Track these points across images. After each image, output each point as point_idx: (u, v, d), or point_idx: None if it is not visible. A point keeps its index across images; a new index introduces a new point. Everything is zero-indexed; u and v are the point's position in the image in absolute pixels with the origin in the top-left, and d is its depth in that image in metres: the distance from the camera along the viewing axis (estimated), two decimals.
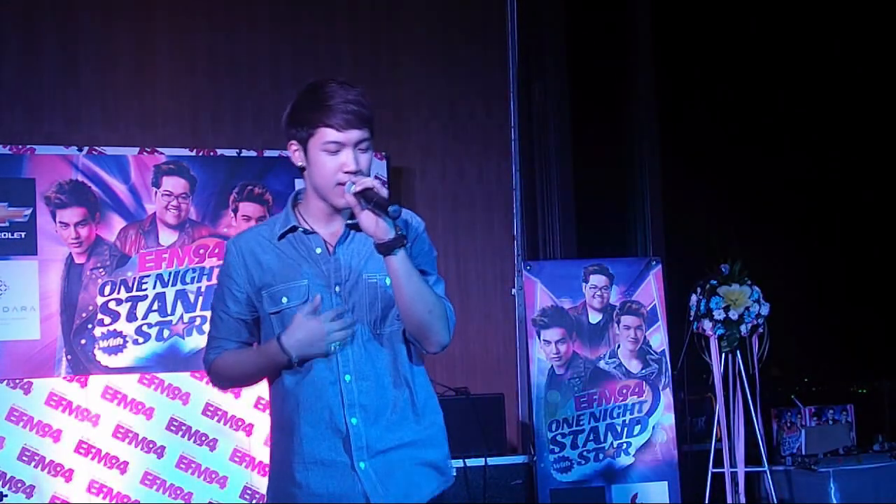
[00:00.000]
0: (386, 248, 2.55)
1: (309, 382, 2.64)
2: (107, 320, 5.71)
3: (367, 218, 2.53)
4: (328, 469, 2.64)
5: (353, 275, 2.66)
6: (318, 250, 2.67)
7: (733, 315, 5.85)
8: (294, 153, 2.66)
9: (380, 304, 2.68)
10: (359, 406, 2.64)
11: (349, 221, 2.66)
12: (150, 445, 5.69)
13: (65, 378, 5.60)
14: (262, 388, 6.20)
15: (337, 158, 2.58)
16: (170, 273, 5.83)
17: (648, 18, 6.81)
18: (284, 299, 2.64)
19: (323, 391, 2.63)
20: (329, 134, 2.57)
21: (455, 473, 2.92)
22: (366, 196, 2.52)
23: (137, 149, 5.88)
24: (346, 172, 2.58)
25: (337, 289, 2.67)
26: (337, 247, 2.68)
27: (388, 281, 2.64)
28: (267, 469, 5.90)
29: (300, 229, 2.69)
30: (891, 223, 7.25)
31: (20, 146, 5.69)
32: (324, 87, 2.61)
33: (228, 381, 2.81)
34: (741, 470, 5.95)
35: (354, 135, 2.58)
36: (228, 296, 2.73)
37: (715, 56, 7.22)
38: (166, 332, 5.79)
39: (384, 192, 2.52)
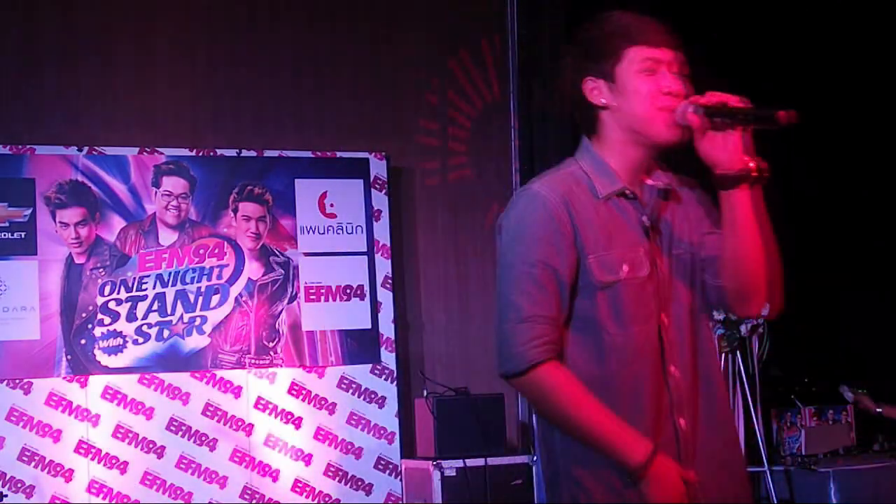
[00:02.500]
0: (734, 180, 2.11)
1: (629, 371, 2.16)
2: (107, 320, 5.71)
3: (711, 142, 2.10)
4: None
5: (667, 249, 2.23)
6: (644, 219, 2.21)
7: (733, 315, 5.85)
8: (592, 91, 2.21)
9: (690, 278, 2.24)
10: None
11: (660, 186, 2.25)
12: (150, 445, 5.69)
13: (65, 378, 5.60)
14: (261, 388, 6.20)
15: (656, 79, 2.15)
16: (170, 273, 5.83)
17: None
18: (626, 267, 2.15)
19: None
20: (643, 52, 2.16)
21: None
22: (719, 110, 2.08)
23: (137, 149, 5.88)
24: (669, 94, 2.14)
25: (658, 263, 2.21)
26: (652, 215, 2.23)
27: (690, 251, 2.23)
28: (266, 469, 5.92)
29: (627, 192, 2.20)
30: (892, 221, 7.25)
31: (20, 146, 5.69)
32: (619, 14, 2.22)
33: (546, 410, 2.18)
34: None
35: (671, 54, 2.19)
36: (556, 252, 2.13)
37: (715, 56, 7.22)
38: (166, 332, 5.78)
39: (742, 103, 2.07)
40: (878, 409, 6.07)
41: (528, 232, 2.15)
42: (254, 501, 5.80)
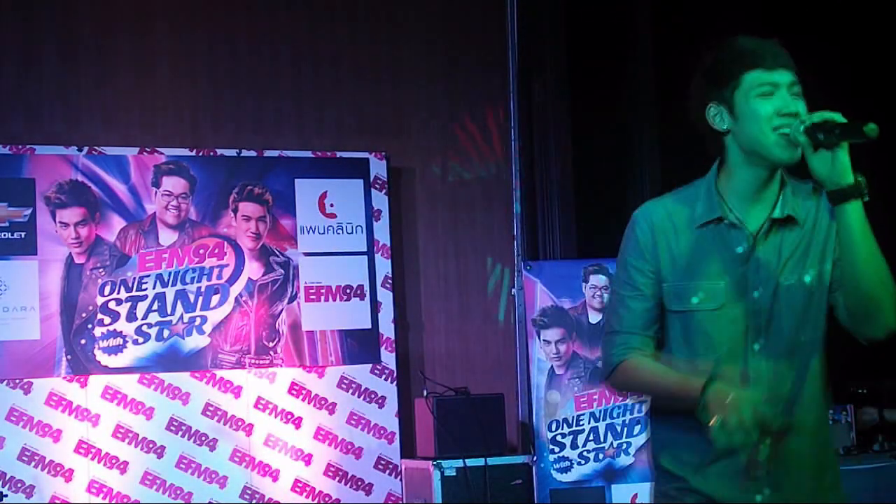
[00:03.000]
0: (842, 195, 2.20)
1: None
2: (107, 320, 5.71)
3: (819, 161, 2.19)
4: None
5: (772, 278, 2.31)
6: (740, 250, 2.31)
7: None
8: (714, 118, 2.33)
9: (802, 308, 2.34)
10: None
11: (774, 215, 2.32)
12: (150, 445, 5.69)
13: (65, 378, 5.60)
14: (261, 388, 6.20)
15: (771, 102, 2.26)
16: (170, 273, 5.83)
17: (648, 18, 6.81)
18: (696, 299, 2.31)
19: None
20: (759, 76, 2.27)
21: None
22: (821, 128, 2.17)
23: (137, 149, 5.88)
24: (784, 115, 2.24)
25: (756, 294, 2.32)
26: (758, 244, 2.32)
27: (807, 279, 2.32)
28: (266, 469, 5.93)
29: (726, 221, 2.32)
30: (891, 222, 7.25)
31: (20, 146, 5.69)
32: (735, 39, 2.35)
33: (634, 391, 2.55)
34: None
35: (786, 76, 2.28)
36: (639, 277, 2.35)
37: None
38: (166, 332, 5.79)
39: (841, 119, 2.18)
40: None
41: (623, 257, 2.41)
42: (254, 501, 5.80)
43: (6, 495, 5.41)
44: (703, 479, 2.38)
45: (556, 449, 5.83)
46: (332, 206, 6.14)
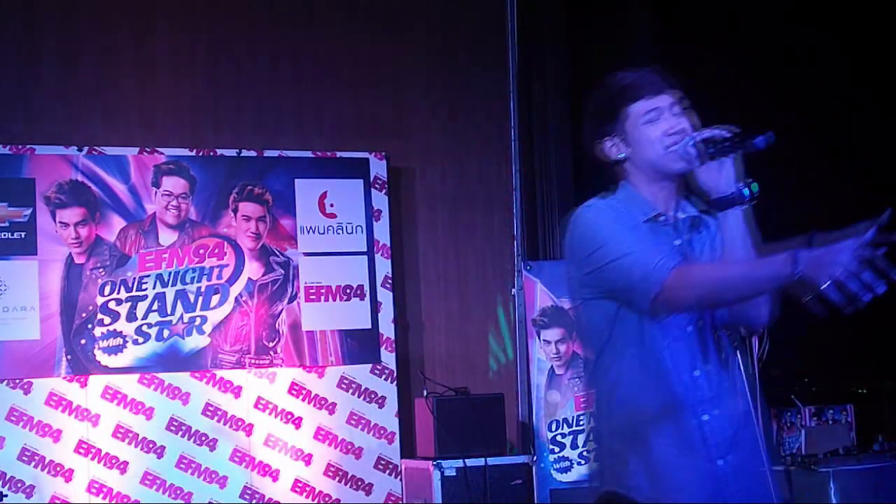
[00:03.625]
0: (726, 203, 2.41)
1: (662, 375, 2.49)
2: (107, 320, 5.71)
3: (707, 172, 2.42)
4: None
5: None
6: (678, 242, 2.52)
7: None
8: (610, 149, 2.55)
9: None
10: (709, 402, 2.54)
11: (692, 213, 2.55)
12: (150, 445, 5.69)
13: (65, 378, 5.60)
14: (261, 388, 6.19)
15: (658, 125, 2.49)
16: (170, 273, 5.83)
17: (648, 18, 6.81)
18: None
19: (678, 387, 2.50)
20: (643, 105, 2.51)
21: None
22: (711, 142, 2.41)
23: (137, 149, 5.88)
24: (672, 134, 2.47)
25: None
26: (685, 239, 2.54)
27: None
28: (266, 469, 5.93)
29: (662, 217, 2.52)
30: (891, 222, 7.25)
31: (20, 146, 5.69)
32: (615, 76, 2.60)
33: (699, 293, 2.40)
34: None
35: (666, 98, 2.51)
36: (637, 234, 2.46)
37: (716, 56, 7.21)
38: (166, 332, 5.79)
39: (728, 132, 2.40)
40: None
41: (608, 223, 2.47)
42: (254, 501, 5.80)
43: (6, 495, 5.41)
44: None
45: (556, 449, 5.83)
46: (332, 206, 6.14)
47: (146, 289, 5.79)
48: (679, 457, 2.45)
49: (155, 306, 5.78)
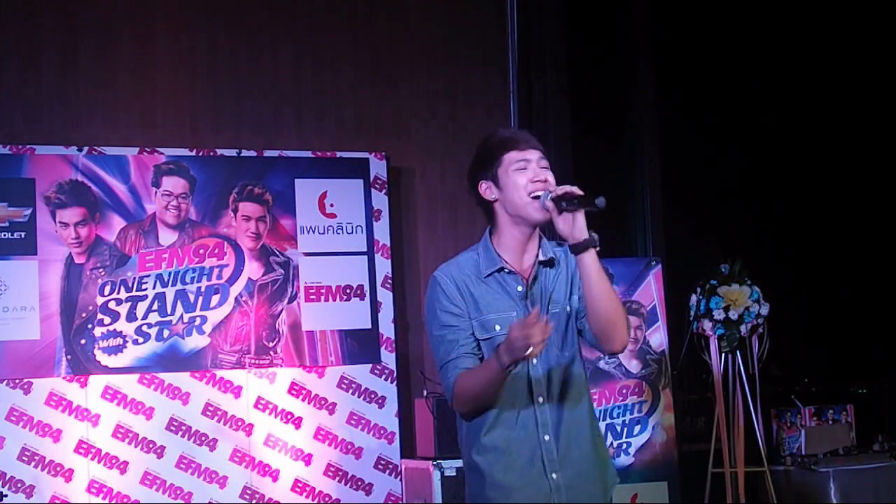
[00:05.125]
0: (581, 247, 2.84)
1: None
2: (107, 320, 5.71)
3: (563, 221, 2.82)
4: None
5: (543, 308, 2.95)
6: (519, 288, 2.95)
7: (733, 315, 5.85)
8: (485, 191, 2.99)
9: (563, 329, 2.97)
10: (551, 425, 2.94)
11: (540, 259, 2.98)
12: (150, 445, 5.69)
13: (65, 378, 5.60)
14: (261, 388, 6.19)
15: (525, 174, 2.92)
16: (170, 273, 5.83)
17: (649, 18, 6.81)
18: (497, 327, 2.92)
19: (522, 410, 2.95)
20: (515, 155, 2.94)
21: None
22: (564, 198, 2.82)
23: (137, 149, 5.88)
24: (536, 182, 2.90)
25: None
26: (531, 283, 2.97)
27: (568, 308, 2.97)
28: (266, 469, 5.93)
29: (505, 270, 2.96)
30: (891, 223, 7.25)
31: (20, 146, 5.69)
32: (499, 131, 3.07)
33: (470, 400, 2.96)
34: (741, 470, 5.95)
35: (535, 153, 2.95)
36: (452, 317, 2.95)
37: (716, 56, 7.22)
38: (166, 332, 5.79)
39: (579, 191, 2.83)
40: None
41: (434, 308, 2.96)
42: (254, 501, 5.80)
43: (6, 495, 5.41)
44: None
45: None
46: (332, 206, 6.14)
47: (146, 289, 5.79)
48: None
49: (155, 306, 5.78)
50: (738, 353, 5.94)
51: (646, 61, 6.80)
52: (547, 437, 2.92)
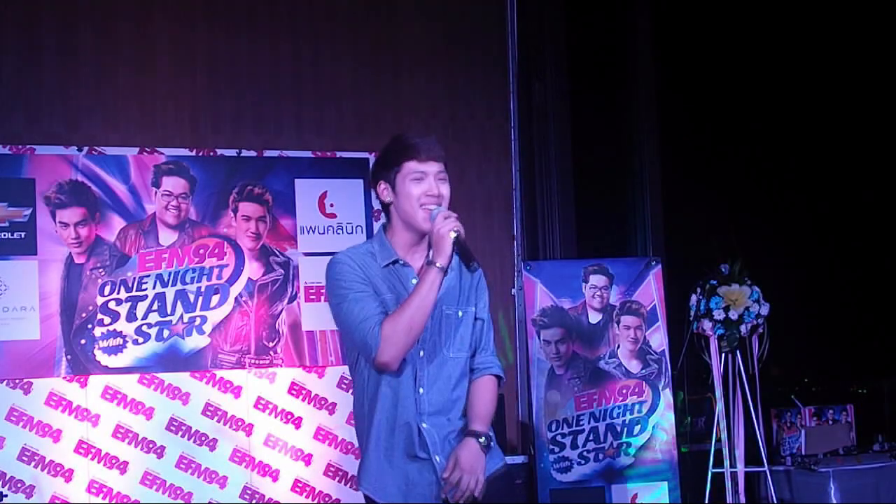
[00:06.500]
0: (431, 262, 2.97)
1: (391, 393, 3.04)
2: (107, 320, 5.71)
3: (436, 238, 2.97)
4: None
5: (437, 306, 3.04)
6: (414, 281, 3.05)
7: (733, 315, 5.85)
8: (382, 191, 3.08)
9: (453, 332, 3.10)
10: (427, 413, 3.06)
11: (429, 260, 3.03)
12: (150, 445, 5.69)
13: (65, 378, 5.60)
14: (261, 388, 6.19)
15: (420, 186, 3.03)
16: (170, 273, 5.83)
17: (648, 18, 6.82)
18: (393, 307, 3.01)
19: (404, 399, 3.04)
20: (413, 166, 3.04)
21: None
22: (458, 240, 2.98)
23: (137, 149, 5.88)
24: (429, 196, 3.04)
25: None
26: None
27: (460, 313, 3.11)
28: (266, 469, 5.92)
29: (400, 262, 3.08)
30: (890, 223, 7.26)
31: (20, 146, 5.69)
32: (404, 135, 3.14)
33: (403, 332, 2.96)
34: (741, 470, 5.95)
35: (434, 166, 3.08)
36: (361, 285, 3.03)
37: (716, 56, 7.22)
38: (166, 332, 5.79)
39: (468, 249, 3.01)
40: None
41: (337, 282, 3.03)
42: (254, 501, 5.81)
43: (6, 495, 5.41)
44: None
45: (556, 449, 5.83)
46: (332, 206, 6.14)
47: (146, 289, 5.79)
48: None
49: (155, 306, 5.79)
50: (738, 353, 5.94)
51: (646, 61, 6.81)
52: (426, 425, 3.02)
